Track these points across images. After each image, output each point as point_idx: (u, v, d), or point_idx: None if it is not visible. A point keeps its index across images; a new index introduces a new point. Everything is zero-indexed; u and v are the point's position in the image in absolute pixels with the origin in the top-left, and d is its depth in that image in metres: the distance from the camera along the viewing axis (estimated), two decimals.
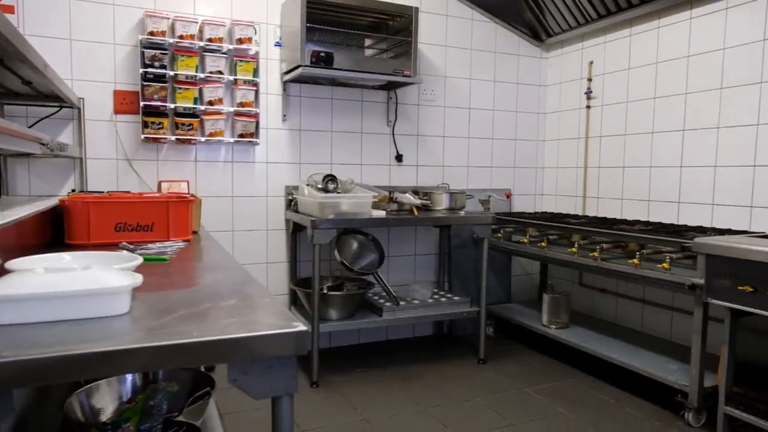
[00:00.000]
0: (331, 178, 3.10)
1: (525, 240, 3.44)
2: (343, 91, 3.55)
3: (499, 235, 3.68)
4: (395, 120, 3.70)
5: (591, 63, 3.77)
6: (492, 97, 4.01)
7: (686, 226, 3.02)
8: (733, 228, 2.87)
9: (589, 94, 3.78)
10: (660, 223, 3.18)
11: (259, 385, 0.99)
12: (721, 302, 2.25)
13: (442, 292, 3.63)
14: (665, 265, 2.53)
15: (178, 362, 0.91)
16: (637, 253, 2.68)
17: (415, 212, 3.23)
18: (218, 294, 1.26)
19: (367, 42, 3.56)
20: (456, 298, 3.48)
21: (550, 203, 4.21)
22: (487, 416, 2.68)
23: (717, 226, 2.96)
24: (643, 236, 2.72)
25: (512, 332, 3.95)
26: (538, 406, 2.80)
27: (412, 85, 3.65)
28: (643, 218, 3.42)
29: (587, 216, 3.72)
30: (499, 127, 4.06)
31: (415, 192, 3.45)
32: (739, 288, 2.16)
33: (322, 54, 2.98)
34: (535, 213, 4.05)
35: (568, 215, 3.74)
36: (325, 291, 3.22)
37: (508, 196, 4.08)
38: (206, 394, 1.53)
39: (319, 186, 3.08)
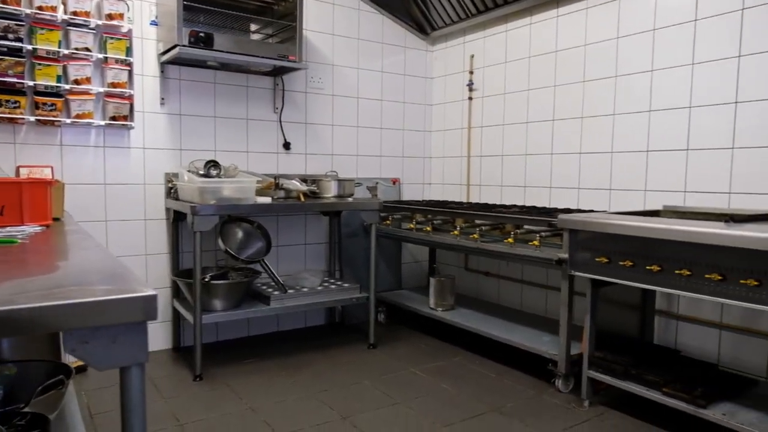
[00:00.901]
0: (213, 163, 2.99)
1: (412, 226, 3.53)
2: (226, 76, 3.44)
3: (388, 222, 3.75)
4: (282, 107, 3.64)
5: (472, 56, 3.94)
6: (380, 88, 4.07)
7: (556, 208, 3.24)
8: (595, 209, 3.12)
9: (470, 86, 3.96)
10: (534, 206, 3.40)
11: (103, 355, 0.92)
12: (582, 274, 2.45)
13: (332, 280, 3.63)
14: (536, 243, 2.71)
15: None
16: (512, 233, 2.84)
17: (302, 198, 3.20)
18: (74, 275, 1.16)
19: (253, 27, 3.48)
20: (346, 285, 3.49)
21: (438, 191, 4.36)
22: (373, 397, 2.72)
23: (582, 208, 3.21)
24: (515, 217, 2.89)
25: (403, 317, 4.04)
26: (423, 384, 2.88)
27: (299, 72, 3.62)
28: (520, 203, 3.63)
29: (470, 202, 3.89)
30: (387, 117, 4.13)
31: (304, 180, 3.42)
32: (597, 259, 2.36)
33: (201, 34, 2.87)
34: (423, 201, 4.18)
35: (453, 202, 3.88)
36: (208, 280, 3.10)
37: (395, 182, 4.16)
38: (59, 383, 1.42)
39: (201, 172, 2.96)
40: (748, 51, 2.48)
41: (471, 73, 3.95)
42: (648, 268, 2.15)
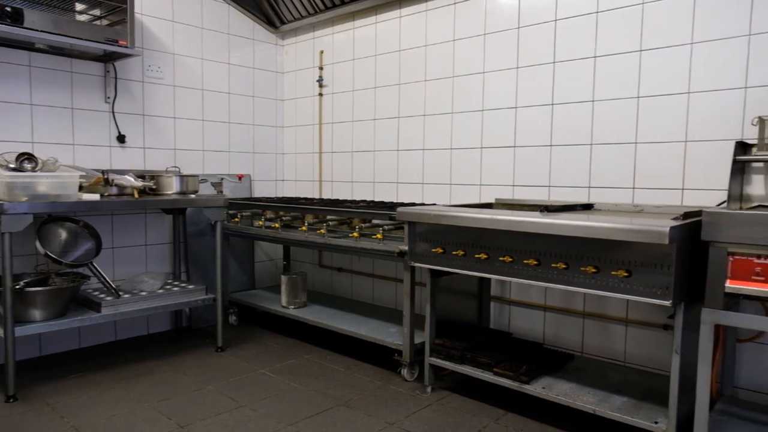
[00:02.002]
0: (27, 156, 2.65)
1: (261, 223, 3.43)
2: (45, 59, 3.08)
3: (237, 220, 3.62)
4: (115, 96, 3.35)
5: (322, 52, 3.93)
6: (227, 80, 3.91)
7: (402, 202, 3.34)
8: (438, 203, 3.27)
9: (320, 82, 3.95)
10: (382, 201, 3.48)
11: None
12: (421, 264, 2.54)
13: (176, 282, 3.42)
14: (379, 236, 2.76)
15: None
16: (357, 227, 2.87)
17: (136, 195, 2.97)
18: None
19: (80, 6, 3.15)
20: (190, 286, 3.30)
21: (291, 188, 4.29)
22: (216, 402, 2.60)
23: (426, 202, 3.34)
24: (360, 211, 2.92)
25: (257, 318, 3.92)
26: (271, 385, 2.81)
27: (135, 60, 3.36)
28: (370, 198, 3.70)
29: (321, 198, 3.89)
30: (236, 111, 3.98)
31: (141, 176, 3.17)
32: (433, 250, 2.46)
33: (7, 9, 2.53)
34: (274, 197, 4.09)
35: (303, 198, 3.85)
36: (22, 287, 2.75)
37: (241, 178, 4.01)
38: None
39: (12, 166, 2.61)
40: (561, 58, 2.74)
41: (321, 68, 3.94)
42: (477, 256, 2.28)
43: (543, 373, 2.46)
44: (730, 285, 1.75)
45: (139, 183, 3.01)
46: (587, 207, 2.58)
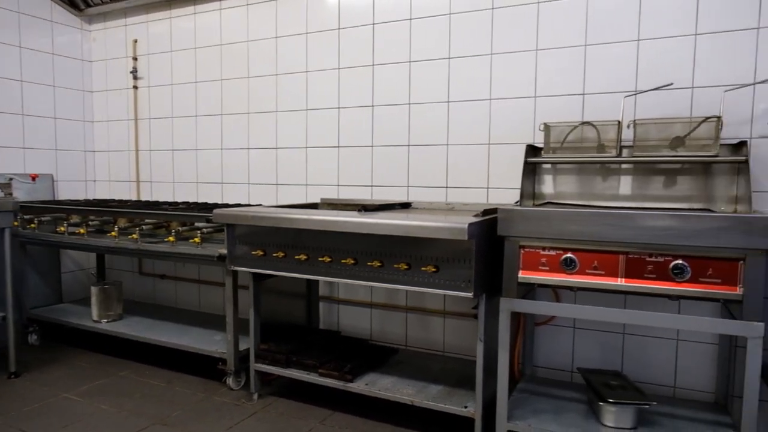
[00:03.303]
0: None
1: (63, 229, 3.05)
2: None
3: (33, 225, 3.17)
4: None
5: (135, 41, 3.61)
6: (18, 66, 3.42)
7: (227, 204, 3.20)
8: (264, 204, 3.18)
9: (135, 73, 3.62)
10: (205, 203, 3.29)
11: None
12: (241, 268, 2.44)
13: None
14: (196, 240, 2.60)
15: None
16: (173, 231, 2.68)
17: None
18: None
19: None
20: None
21: (104, 190, 3.89)
22: None
23: (252, 203, 3.23)
24: (175, 214, 2.74)
25: (65, 336, 3.49)
26: (75, 410, 2.51)
27: None
28: (193, 199, 3.48)
29: (137, 200, 3.58)
30: (31, 102, 3.50)
31: None
32: (253, 253, 2.37)
33: None
34: (82, 200, 3.67)
35: (115, 201, 3.51)
36: None
37: (34, 177, 3.53)
38: None
39: None
40: (380, 61, 2.81)
41: (135, 59, 3.62)
42: (297, 257, 2.25)
43: (368, 370, 2.51)
44: (523, 275, 1.92)
45: None
46: (405, 206, 2.69)
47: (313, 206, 2.87)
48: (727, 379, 2.18)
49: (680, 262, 1.71)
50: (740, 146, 2.00)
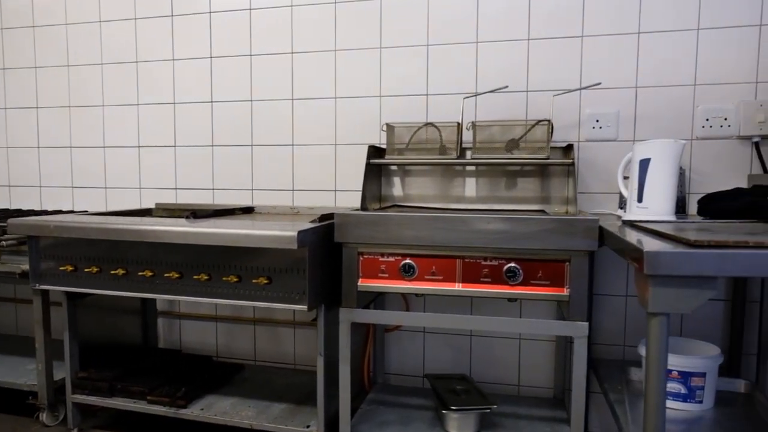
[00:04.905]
0: None
1: None
2: None
3: None
4: None
5: None
6: None
7: (46, 211, 2.78)
8: (89, 210, 2.81)
9: None
10: (19, 209, 2.84)
11: None
12: (48, 287, 2.09)
13: None
14: None
15: None
16: None
17: None
18: None
19: None
20: None
21: None
22: None
23: (76, 209, 2.85)
24: None
25: None
26: None
27: None
28: (5, 206, 3.00)
29: None
30: None
31: None
32: (62, 268, 2.04)
33: None
34: None
35: None
36: None
37: None
38: None
39: None
40: (218, 53, 2.58)
41: None
42: (113, 272, 1.96)
43: (207, 392, 2.28)
44: (362, 283, 1.82)
45: None
46: (248, 210, 2.49)
47: (146, 212, 2.58)
48: (564, 374, 2.25)
49: (513, 265, 1.70)
50: (569, 149, 2.06)
